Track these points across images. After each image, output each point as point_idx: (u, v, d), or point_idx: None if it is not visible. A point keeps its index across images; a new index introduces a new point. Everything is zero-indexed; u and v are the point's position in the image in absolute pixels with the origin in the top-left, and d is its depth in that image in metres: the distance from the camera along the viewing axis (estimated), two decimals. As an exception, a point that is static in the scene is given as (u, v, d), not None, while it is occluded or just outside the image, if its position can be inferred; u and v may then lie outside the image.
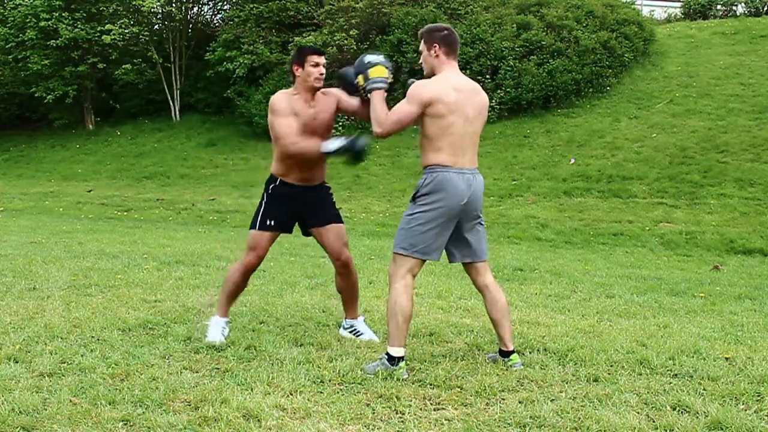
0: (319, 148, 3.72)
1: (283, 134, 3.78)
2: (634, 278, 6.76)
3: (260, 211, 3.95)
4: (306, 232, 4.12)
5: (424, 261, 3.51)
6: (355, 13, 16.61)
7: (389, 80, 3.62)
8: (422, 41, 3.60)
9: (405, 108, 3.43)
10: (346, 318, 4.22)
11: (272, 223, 3.92)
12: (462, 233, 3.53)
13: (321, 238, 4.04)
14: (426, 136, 3.48)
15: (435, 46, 3.53)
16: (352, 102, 3.95)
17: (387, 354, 3.43)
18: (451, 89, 3.46)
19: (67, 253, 7.41)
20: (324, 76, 3.87)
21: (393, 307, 3.43)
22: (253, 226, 3.96)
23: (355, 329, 4.16)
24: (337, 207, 4.16)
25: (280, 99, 3.84)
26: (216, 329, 3.97)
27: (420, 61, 3.65)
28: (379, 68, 3.61)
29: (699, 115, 13.82)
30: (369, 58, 3.67)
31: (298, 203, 3.97)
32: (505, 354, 3.61)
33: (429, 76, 3.56)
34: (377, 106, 3.50)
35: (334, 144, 3.70)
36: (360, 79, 3.64)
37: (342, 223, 4.08)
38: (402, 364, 3.42)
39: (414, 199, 3.49)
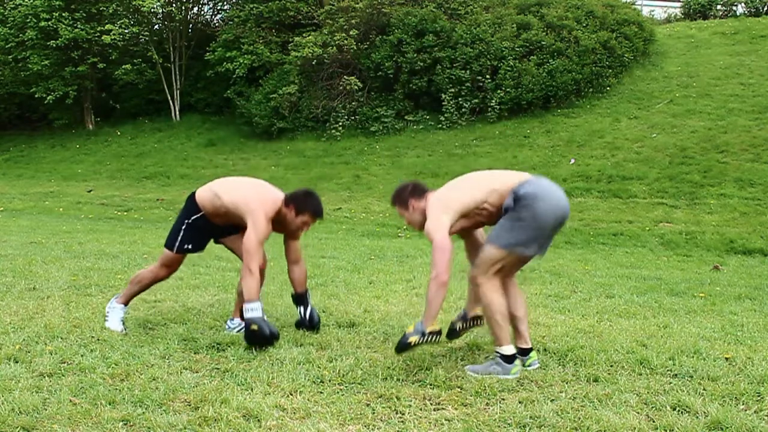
0: (245, 294, 3.78)
1: (252, 251, 3.78)
2: (634, 278, 6.75)
3: (179, 235, 4.08)
4: (216, 241, 4.28)
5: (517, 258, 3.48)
6: (355, 13, 16.61)
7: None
8: (397, 208, 3.68)
9: (438, 226, 3.39)
10: (235, 318, 4.28)
11: (189, 247, 4.11)
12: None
13: (234, 244, 4.22)
14: (490, 204, 3.47)
15: (410, 202, 3.62)
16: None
17: (499, 354, 3.42)
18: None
19: (67, 253, 7.41)
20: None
21: (489, 307, 3.43)
22: (170, 248, 4.10)
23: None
24: None
25: (268, 225, 3.88)
26: (116, 318, 4.12)
27: (410, 219, 3.65)
28: (409, 329, 3.48)
29: (699, 115, 13.82)
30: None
31: (215, 230, 4.15)
32: (526, 352, 3.59)
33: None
34: (428, 304, 3.42)
35: (251, 314, 3.73)
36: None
37: None
38: (517, 362, 3.43)
39: (521, 207, 3.38)
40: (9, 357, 3.50)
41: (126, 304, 4.23)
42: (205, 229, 4.10)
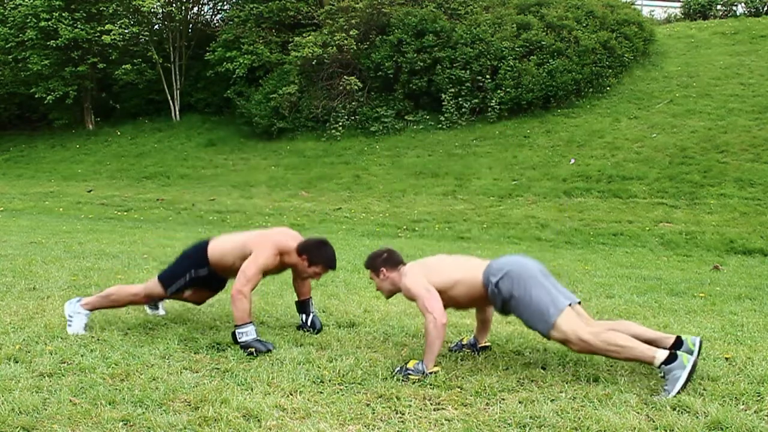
0: (237, 318, 3.81)
1: (250, 275, 3.82)
2: (634, 278, 6.75)
3: (179, 282, 4.09)
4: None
5: (572, 305, 3.44)
6: (355, 13, 16.61)
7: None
8: (370, 273, 3.76)
9: (417, 282, 3.51)
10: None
11: (181, 293, 4.20)
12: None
13: (198, 295, 4.34)
14: (460, 295, 3.58)
15: (382, 271, 3.68)
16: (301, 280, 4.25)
17: (662, 366, 3.22)
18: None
19: (67, 253, 7.41)
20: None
21: (617, 349, 3.29)
22: (165, 286, 4.08)
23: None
24: None
25: (274, 257, 3.90)
26: (80, 323, 4.09)
27: (379, 286, 3.73)
28: (411, 364, 3.43)
29: (699, 115, 13.82)
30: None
31: (212, 279, 4.19)
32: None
33: (394, 293, 3.70)
34: (428, 346, 3.42)
35: (245, 338, 3.74)
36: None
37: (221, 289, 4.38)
38: (678, 354, 3.22)
39: (509, 289, 3.44)
40: (9, 357, 3.50)
41: (91, 311, 4.18)
42: (204, 278, 4.14)
